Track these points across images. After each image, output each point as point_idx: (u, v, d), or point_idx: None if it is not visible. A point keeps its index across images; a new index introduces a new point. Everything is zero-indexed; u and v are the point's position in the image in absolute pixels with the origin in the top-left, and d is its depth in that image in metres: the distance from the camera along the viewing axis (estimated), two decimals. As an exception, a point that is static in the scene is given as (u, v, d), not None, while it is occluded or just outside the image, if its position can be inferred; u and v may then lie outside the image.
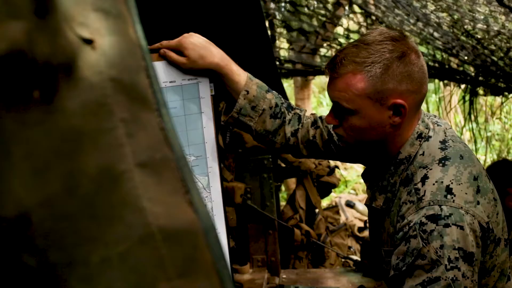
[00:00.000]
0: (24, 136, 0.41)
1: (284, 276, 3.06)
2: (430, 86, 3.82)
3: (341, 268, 3.16)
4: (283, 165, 3.27)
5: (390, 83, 1.34)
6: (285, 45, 3.92)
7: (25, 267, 0.40)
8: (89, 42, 0.44)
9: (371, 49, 1.35)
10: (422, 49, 3.41)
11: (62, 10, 0.42)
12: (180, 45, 1.58)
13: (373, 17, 3.35)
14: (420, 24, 3.02)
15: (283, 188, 5.57)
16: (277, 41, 3.89)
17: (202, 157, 1.75)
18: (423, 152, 1.41)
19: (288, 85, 8.66)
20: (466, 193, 1.32)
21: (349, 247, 3.57)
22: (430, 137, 1.43)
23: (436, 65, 3.36)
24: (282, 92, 3.08)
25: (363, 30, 3.53)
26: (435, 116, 1.57)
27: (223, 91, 1.70)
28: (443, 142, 1.42)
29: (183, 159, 0.46)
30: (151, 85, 0.46)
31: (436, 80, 3.52)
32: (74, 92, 0.43)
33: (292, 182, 4.66)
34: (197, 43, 1.58)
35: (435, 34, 3.05)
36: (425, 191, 1.33)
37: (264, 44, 2.74)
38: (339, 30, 3.86)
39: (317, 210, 3.44)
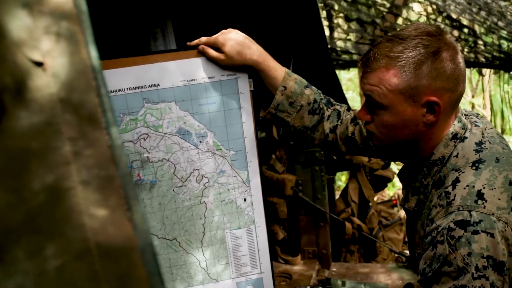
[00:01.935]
0: (-30, 156, 0.44)
1: (334, 269, 3.04)
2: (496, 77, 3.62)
3: (393, 263, 3.09)
4: (335, 158, 3.24)
5: (424, 79, 1.29)
6: (342, 35, 3.85)
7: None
8: (39, 64, 0.46)
9: (406, 44, 1.31)
10: (487, 39, 3.24)
11: (11, 36, 0.45)
12: (218, 42, 1.61)
13: (434, 6, 3.22)
14: (483, 13, 2.87)
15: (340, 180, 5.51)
16: (334, 32, 3.83)
17: (242, 151, 1.77)
18: (457, 153, 1.35)
19: (354, 74, 8.55)
20: (499, 199, 1.25)
21: (404, 242, 3.49)
22: (466, 138, 1.37)
23: (502, 55, 3.18)
24: (336, 83, 3.04)
25: (424, 20, 3.41)
26: (476, 115, 1.50)
27: (264, 87, 1.72)
28: (479, 143, 1.36)
29: (128, 176, 0.48)
30: (101, 104, 0.48)
31: (502, 72, 3.34)
32: (23, 113, 0.45)
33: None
34: (235, 39, 1.60)
35: (500, 24, 2.88)
36: (455, 195, 1.28)
37: (319, 36, 2.72)
38: (399, 21, 3.74)
39: (370, 204, 3.39)
